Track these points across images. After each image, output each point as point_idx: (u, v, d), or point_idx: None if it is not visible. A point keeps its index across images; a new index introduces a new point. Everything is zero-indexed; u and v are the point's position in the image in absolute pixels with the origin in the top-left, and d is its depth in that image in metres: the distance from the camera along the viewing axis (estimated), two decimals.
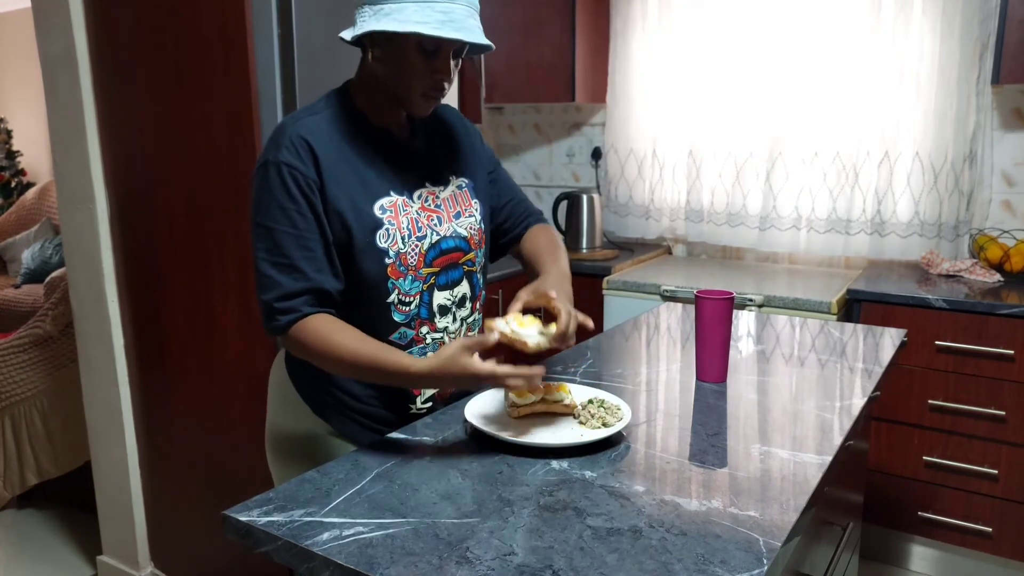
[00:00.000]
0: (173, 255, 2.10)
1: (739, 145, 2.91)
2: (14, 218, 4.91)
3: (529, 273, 1.44)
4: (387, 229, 1.25)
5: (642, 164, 3.15)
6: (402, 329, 1.30)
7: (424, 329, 1.32)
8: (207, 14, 1.86)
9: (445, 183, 1.36)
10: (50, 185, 4.87)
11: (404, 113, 1.33)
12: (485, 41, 1.20)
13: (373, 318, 1.27)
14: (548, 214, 3.41)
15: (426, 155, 1.36)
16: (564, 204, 3.11)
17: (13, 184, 5.66)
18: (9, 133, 5.69)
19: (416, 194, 1.31)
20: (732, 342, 1.58)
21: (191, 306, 2.09)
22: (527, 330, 1.15)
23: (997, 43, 2.33)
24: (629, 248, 3.18)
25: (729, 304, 1.41)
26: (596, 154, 3.33)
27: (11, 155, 5.67)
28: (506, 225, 1.50)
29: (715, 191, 3.00)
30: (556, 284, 1.29)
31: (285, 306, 1.20)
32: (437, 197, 1.33)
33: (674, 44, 2.99)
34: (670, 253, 3.23)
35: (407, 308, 1.29)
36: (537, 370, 1.11)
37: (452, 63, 1.24)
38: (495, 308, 2.73)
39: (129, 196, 2.17)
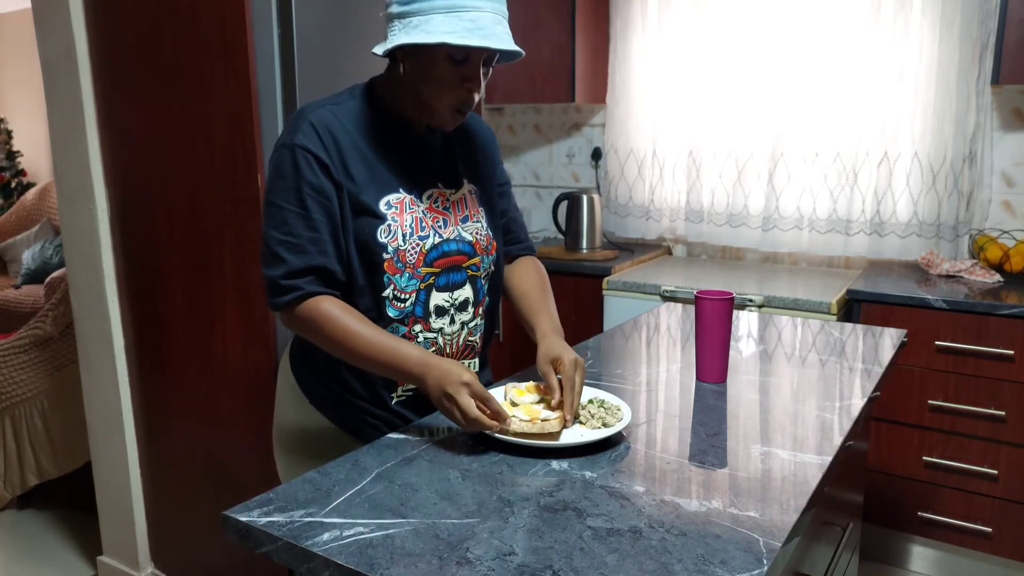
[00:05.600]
0: (173, 255, 2.10)
1: (739, 145, 2.91)
2: (14, 218, 4.91)
3: (514, 306, 1.46)
4: (389, 225, 1.26)
5: (642, 164, 3.15)
6: (394, 324, 1.30)
7: (417, 327, 1.32)
8: (207, 14, 1.86)
9: (458, 186, 1.38)
10: (50, 185, 4.87)
11: None
12: (514, 48, 1.20)
13: (368, 310, 1.29)
14: (548, 214, 3.41)
15: (443, 154, 1.38)
16: (564, 204, 3.11)
17: (13, 184, 5.66)
18: (9, 133, 5.69)
19: (426, 194, 1.32)
20: (732, 342, 1.58)
21: (191, 306, 2.09)
22: (540, 415, 1.17)
23: (997, 43, 2.32)
24: (629, 248, 3.18)
25: (729, 304, 1.41)
26: (596, 154, 3.32)
27: (11, 155, 5.67)
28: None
29: (715, 191, 3.00)
30: (561, 346, 1.29)
31: (288, 284, 1.23)
32: (447, 199, 1.35)
33: (674, 44, 2.99)
34: (670, 253, 3.23)
35: (402, 305, 1.30)
36: (503, 416, 1.14)
37: (482, 72, 1.24)
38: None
39: (129, 196, 2.18)
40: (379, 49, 1.23)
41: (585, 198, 3.06)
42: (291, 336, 1.94)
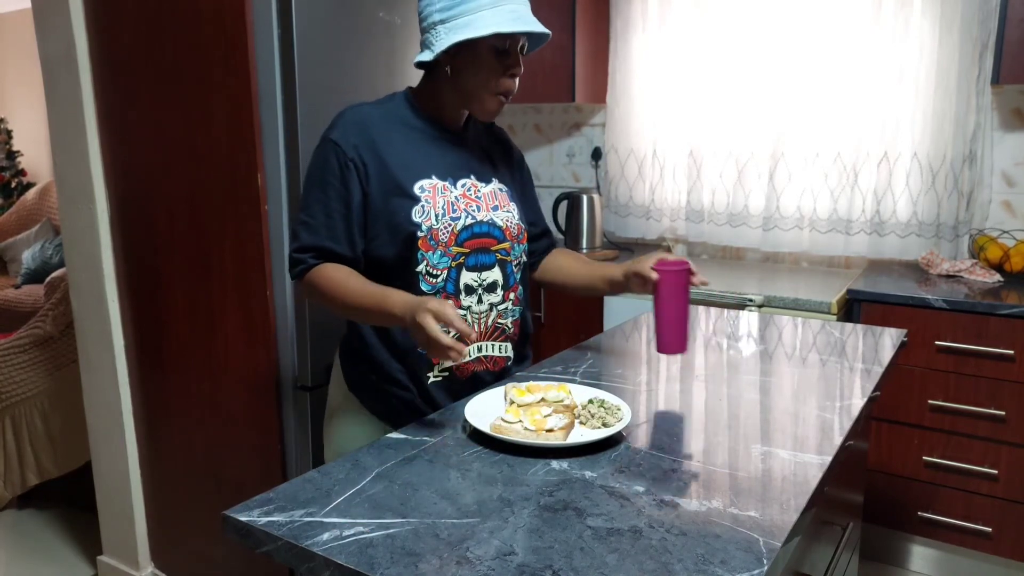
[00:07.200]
0: (173, 255, 2.10)
1: (740, 145, 2.91)
2: (14, 218, 4.91)
3: (570, 280, 1.60)
4: (423, 206, 1.36)
5: (642, 164, 3.15)
6: None
7: (449, 303, 1.37)
8: (207, 14, 1.86)
9: (488, 180, 1.47)
10: (50, 185, 4.87)
11: (463, 113, 1.44)
12: (547, 31, 1.34)
13: (404, 284, 1.36)
14: (548, 214, 3.41)
15: (474, 151, 1.47)
16: (564, 204, 3.11)
17: (13, 184, 5.65)
18: (9, 133, 5.69)
19: (460, 183, 1.42)
20: (733, 342, 1.58)
21: (191, 306, 2.09)
22: (546, 425, 1.16)
23: (997, 43, 2.32)
24: (629, 248, 3.17)
25: (685, 275, 1.38)
26: (596, 154, 3.32)
27: (11, 155, 5.67)
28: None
29: (715, 191, 3.00)
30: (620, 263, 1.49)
31: (298, 257, 1.38)
32: (479, 190, 1.44)
33: (674, 44, 2.98)
34: (670, 253, 3.22)
35: (434, 280, 1.38)
36: (457, 349, 1.17)
37: (520, 58, 1.36)
38: None
39: (129, 196, 2.18)
40: (426, 56, 1.32)
41: (585, 198, 3.06)
42: (293, 334, 1.95)
